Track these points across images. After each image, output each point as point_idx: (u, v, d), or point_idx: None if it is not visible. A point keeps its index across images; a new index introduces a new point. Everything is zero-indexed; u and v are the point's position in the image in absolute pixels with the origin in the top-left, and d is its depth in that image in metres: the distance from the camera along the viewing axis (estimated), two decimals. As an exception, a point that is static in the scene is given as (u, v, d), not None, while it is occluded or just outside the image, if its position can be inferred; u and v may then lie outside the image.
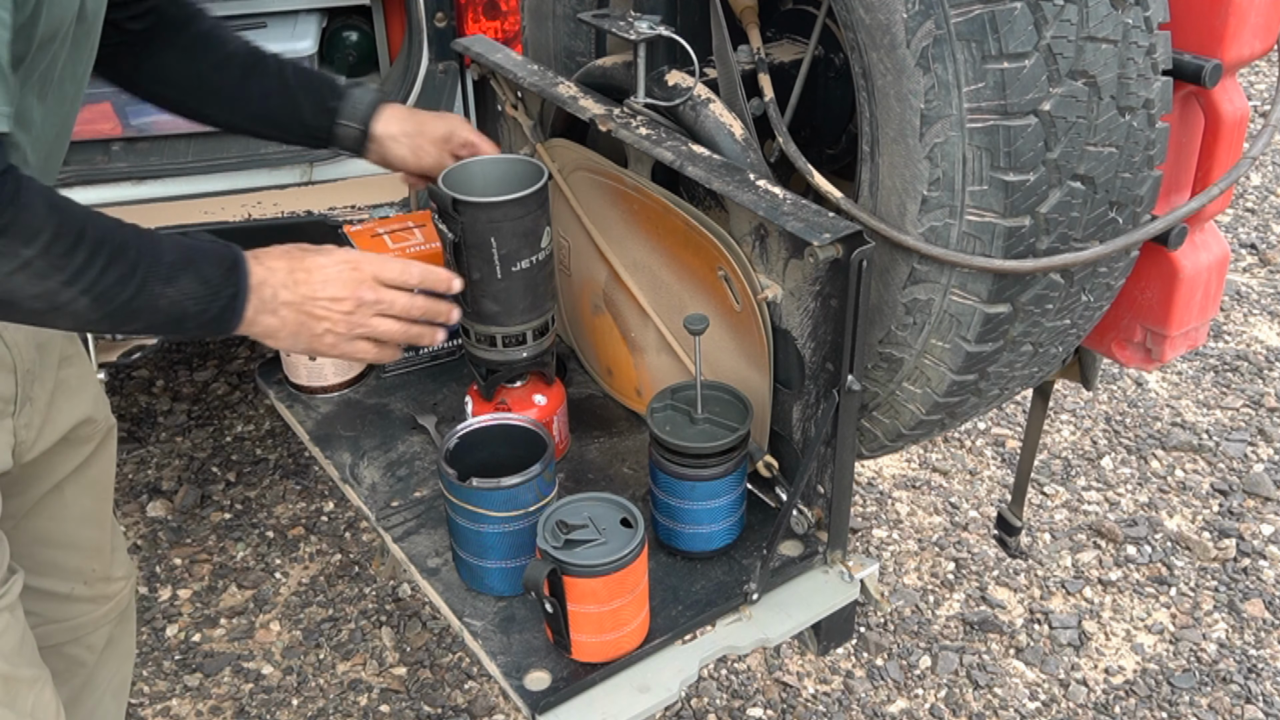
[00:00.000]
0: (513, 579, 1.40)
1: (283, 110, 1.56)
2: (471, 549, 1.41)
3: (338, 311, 1.31)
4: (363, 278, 1.32)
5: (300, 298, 1.28)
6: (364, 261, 1.33)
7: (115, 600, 1.69)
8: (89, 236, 1.13)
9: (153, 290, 1.18)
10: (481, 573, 1.42)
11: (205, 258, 1.23)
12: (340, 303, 1.31)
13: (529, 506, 1.38)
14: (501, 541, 1.39)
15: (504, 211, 1.44)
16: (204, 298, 1.22)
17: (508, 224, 1.44)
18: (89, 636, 1.67)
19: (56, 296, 1.13)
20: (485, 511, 1.37)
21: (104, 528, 1.65)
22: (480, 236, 1.45)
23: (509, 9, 2.40)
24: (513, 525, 1.38)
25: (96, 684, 1.72)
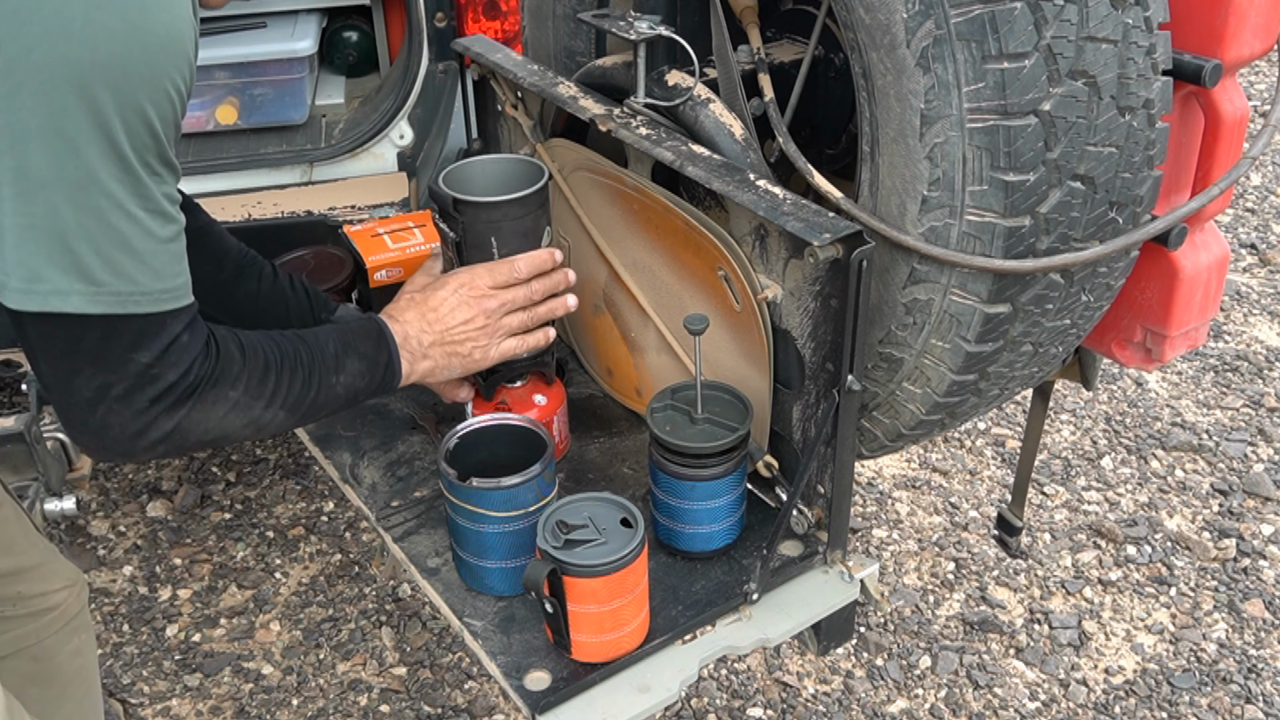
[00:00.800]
0: (513, 579, 1.40)
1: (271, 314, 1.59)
2: (471, 549, 1.41)
3: (474, 330, 1.44)
4: (480, 292, 1.44)
5: (439, 335, 1.42)
6: (475, 276, 1.44)
7: (60, 609, 1.69)
8: (273, 362, 1.26)
9: (329, 382, 1.32)
10: (481, 573, 1.42)
11: (358, 336, 1.37)
12: (472, 322, 1.44)
13: (529, 506, 1.38)
14: (501, 541, 1.39)
15: (504, 211, 1.46)
16: (367, 371, 1.35)
17: (508, 224, 1.46)
18: (34, 648, 1.67)
19: (260, 419, 1.26)
20: (485, 511, 1.37)
21: (21, 552, 1.64)
22: (480, 236, 1.47)
23: (509, 9, 2.40)
24: (513, 525, 1.38)
25: (64, 697, 1.71)
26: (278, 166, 2.43)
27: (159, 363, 1.13)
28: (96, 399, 1.12)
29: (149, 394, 1.13)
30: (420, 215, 1.87)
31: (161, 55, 1.06)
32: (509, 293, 1.45)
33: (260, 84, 2.51)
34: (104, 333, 1.09)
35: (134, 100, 1.04)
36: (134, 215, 1.07)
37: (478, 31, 2.38)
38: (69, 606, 1.70)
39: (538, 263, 1.48)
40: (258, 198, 2.40)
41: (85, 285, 1.06)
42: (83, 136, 1.02)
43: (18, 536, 1.65)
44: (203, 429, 1.20)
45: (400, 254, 1.76)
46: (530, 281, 1.47)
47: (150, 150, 1.07)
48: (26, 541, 1.66)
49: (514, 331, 1.47)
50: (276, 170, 2.43)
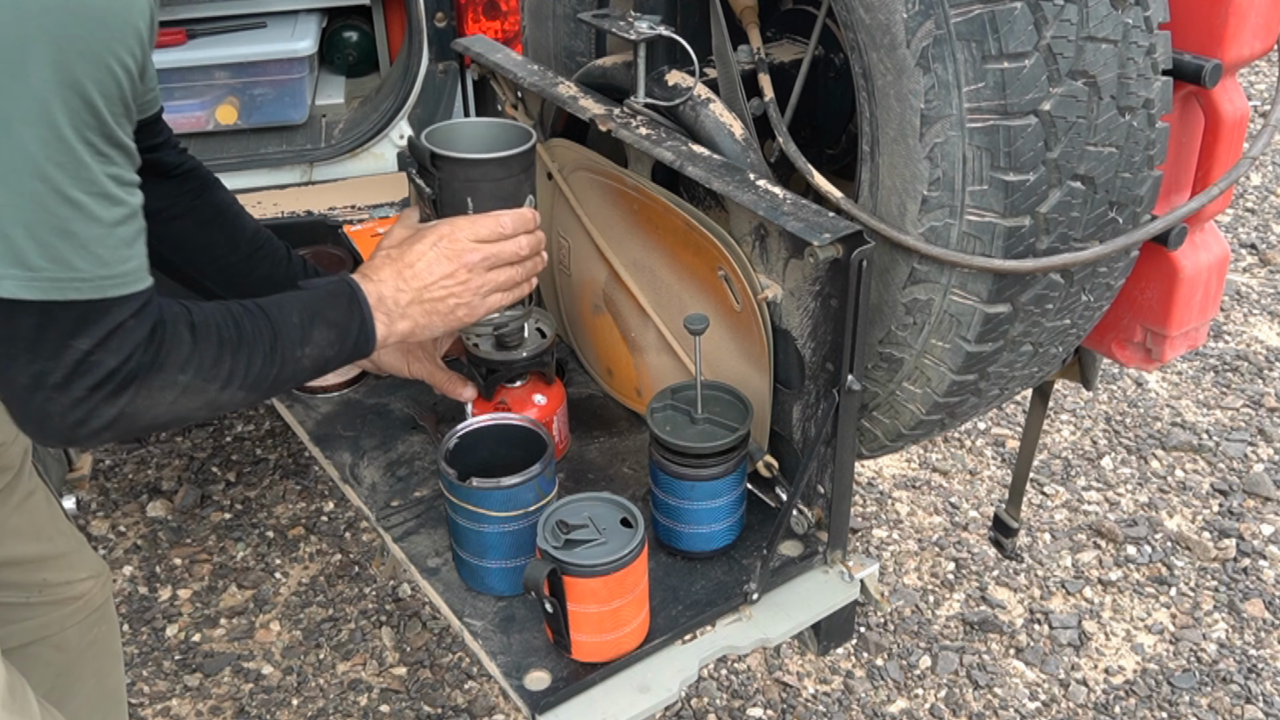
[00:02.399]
0: (513, 579, 1.40)
1: None
2: (471, 549, 1.41)
3: (457, 285, 1.37)
4: (460, 245, 1.37)
5: (416, 291, 1.35)
6: (456, 229, 1.38)
7: (84, 599, 1.68)
8: (229, 341, 1.20)
9: (294, 356, 1.25)
10: (481, 573, 1.42)
11: (327, 302, 1.30)
12: (454, 275, 1.37)
13: (529, 506, 1.38)
14: (501, 541, 1.39)
15: (482, 170, 1.41)
16: (338, 339, 1.29)
17: (486, 184, 1.41)
18: (57, 637, 1.67)
19: (217, 400, 1.20)
20: (485, 511, 1.37)
21: (49, 539, 1.64)
22: (456, 195, 1.42)
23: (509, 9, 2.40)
24: (513, 525, 1.38)
25: (78, 686, 1.71)
26: (278, 166, 2.43)
27: (99, 349, 1.09)
28: (33, 386, 1.08)
29: (87, 382, 1.09)
30: (420, 215, 1.87)
31: (101, 29, 1.02)
32: (493, 246, 1.39)
33: (260, 84, 2.51)
34: (40, 319, 1.06)
35: (72, 77, 1.01)
36: (73, 199, 1.04)
37: (478, 31, 2.38)
38: (93, 597, 1.70)
39: (521, 220, 1.42)
40: (258, 198, 2.40)
41: (20, 270, 1.03)
42: (17, 116, 0.99)
43: (46, 524, 1.64)
44: (151, 415, 1.15)
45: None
46: (517, 237, 1.41)
47: (93, 129, 1.04)
48: (55, 529, 1.66)
49: (501, 288, 1.41)
50: (276, 170, 2.43)
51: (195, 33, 2.52)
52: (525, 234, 1.42)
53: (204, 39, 2.52)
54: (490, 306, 1.41)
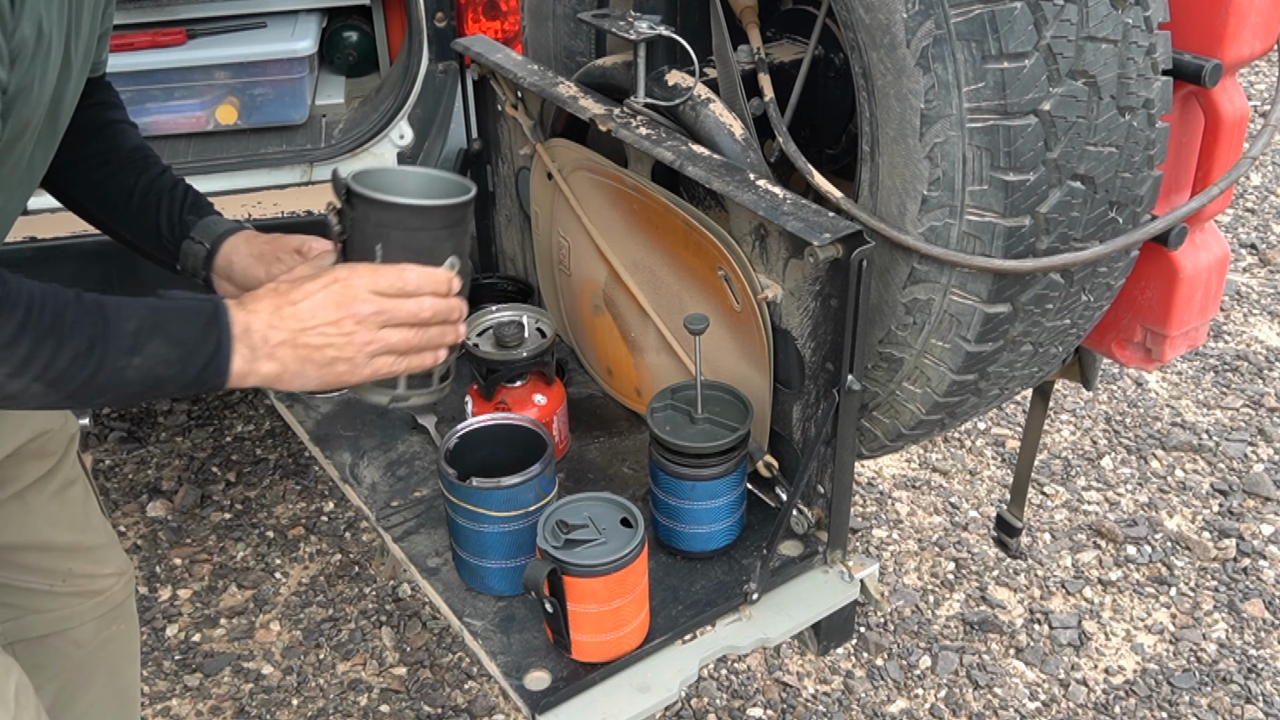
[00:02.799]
0: (513, 579, 1.40)
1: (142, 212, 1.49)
2: (471, 549, 1.41)
3: (339, 335, 1.21)
4: (354, 295, 1.22)
5: (291, 333, 1.20)
6: (355, 275, 1.23)
7: (105, 595, 1.68)
8: (33, 324, 1.09)
9: (115, 363, 1.12)
10: (481, 573, 1.42)
11: (177, 318, 1.16)
12: (338, 325, 1.21)
13: (529, 506, 1.38)
14: (501, 541, 1.39)
15: (395, 216, 1.25)
16: (179, 360, 1.15)
17: (398, 233, 1.25)
18: (75, 631, 1.66)
19: (5, 388, 1.09)
20: (485, 511, 1.37)
21: (81, 530, 1.64)
22: (366, 240, 1.26)
23: (509, 9, 2.40)
24: (513, 525, 1.38)
25: (89, 682, 1.71)
26: (278, 166, 2.43)
27: None
28: None
29: None
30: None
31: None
32: (389, 301, 1.22)
33: (260, 84, 2.51)
34: None
35: None
36: None
37: (478, 31, 2.38)
38: (114, 594, 1.70)
39: (431, 280, 1.25)
40: (258, 198, 2.40)
41: None
42: None
43: (80, 515, 1.64)
44: None
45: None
46: (420, 298, 1.24)
47: None
48: (88, 522, 1.66)
49: (394, 349, 1.24)
50: (276, 170, 2.43)
51: (195, 33, 2.52)
52: (431, 296, 1.25)
53: (204, 39, 2.52)
54: (377, 370, 1.25)
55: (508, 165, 1.90)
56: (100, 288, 2.12)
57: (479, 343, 1.62)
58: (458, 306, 1.30)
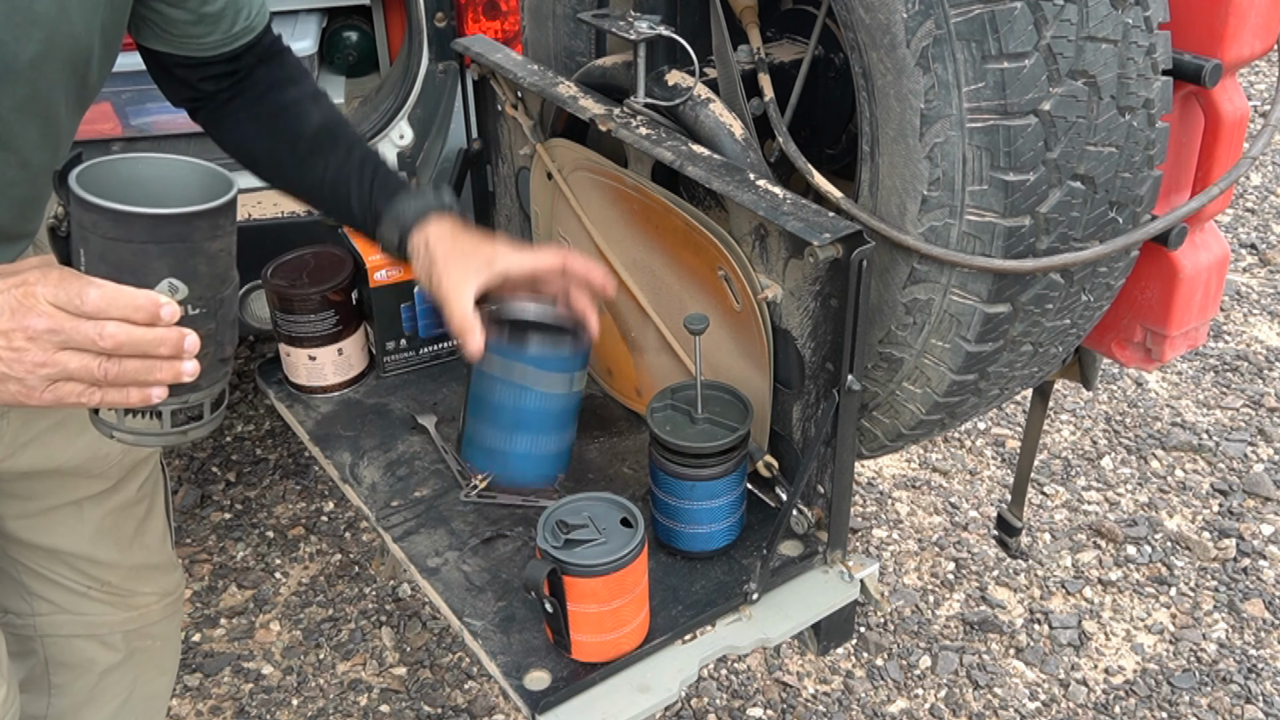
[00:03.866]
0: (539, 466, 1.41)
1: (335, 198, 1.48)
2: (502, 422, 1.39)
3: (7, 350, 1.02)
4: (32, 305, 1.01)
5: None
6: (41, 282, 1.02)
7: (141, 611, 1.68)
8: None
9: None
10: (504, 456, 1.42)
11: None
12: (8, 337, 1.01)
13: (573, 379, 1.38)
14: (539, 415, 1.39)
15: (93, 219, 1.03)
16: None
17: (96, 239, 1.04)
18: (106, 637, 1.67)
19: None
20: (533, 372, 1.35)
21: (127, 549, 1.64)
22: (73, 241, 1.07)
23: (509, 9, 2.40)
24: (553, 400, 1.38)
25: (114, 689, 1.71)
26: (278, 166, 2.43)
27: None
28: None
29: None
30: (420, 215, 1.87)
31: None
32: (70, 322, 1.01)
33: (260, 84, 2.50)
34: None
35: None
36: None
37: (478, 31, 2.38)
38: (150, 612, 1.70)
39: (121, 303, 1.02)
40: (258, 198, 2.40)
41: None
42: None
43: (129, 535, 1.64)
44: None
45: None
46: (102, 322, 1.02)
47: None
48: (140, 543, 1.65)
49: (72, 376, 1.03)
50: (276, 170, 2.42)
51: (195, 33, 2.52)
52: (117, 321, 1.02)
53: (204, 39, 2.52)
54: (60, 397, 1.05)
55: (508, 165, 1.90)
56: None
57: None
58: (168, 340, 1.06)
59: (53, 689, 1.68)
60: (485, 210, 2.00)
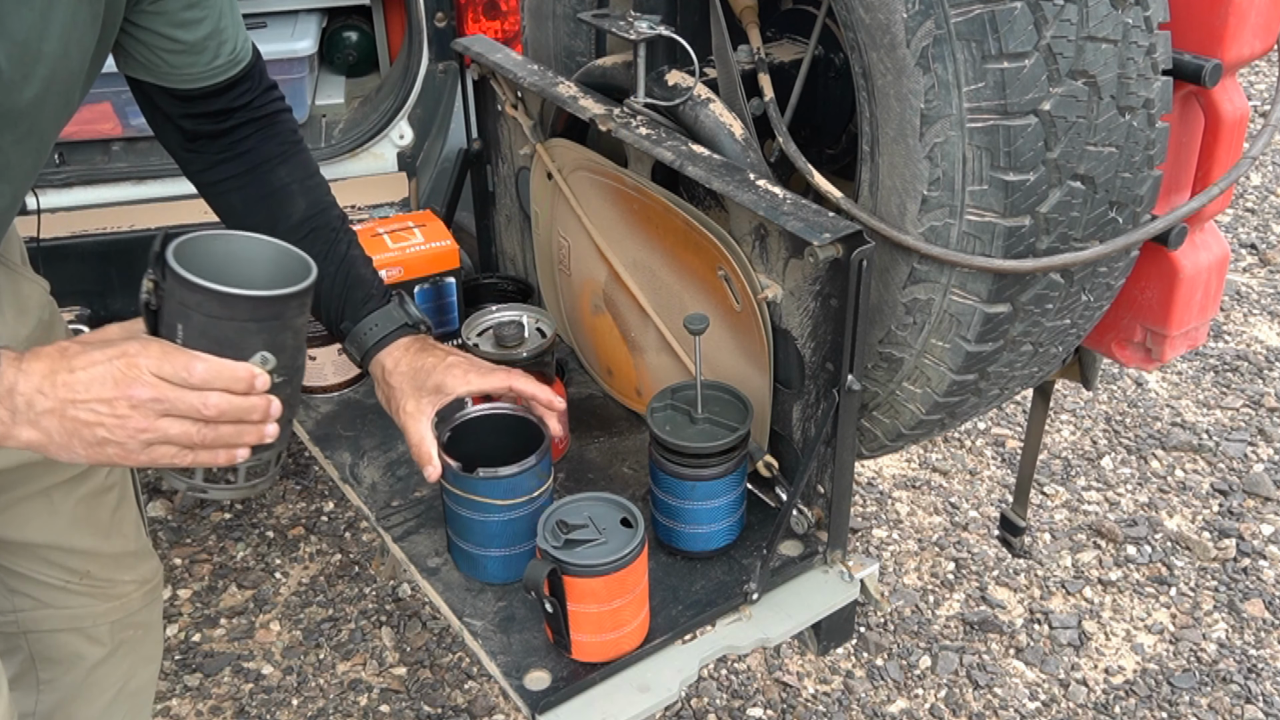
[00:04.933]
0: (514, 566, 1.41)
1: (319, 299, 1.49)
2: (473, 539, 1.42)
3: (111, 416, 1.10)
4: (136, 375, 1.10)
5: (59, 403, 1.10)
6: (144, 352, 1.11)
7: (122, 600, 1.68)
8: None
9: None
10: (483, 562, 1.43)
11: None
12: (112, 405, 1.10)
13: (532, 492, 1.39)
14: (504, 529, 1.40)
15: (197, 299, 1.12)
16: None
17: (199, 317, 1.13)
18: (90, 630, 1.67)
19: None
20: (489, 500, 1.38)
21: (105, 536, 1.64)
22: (170, 316, 1.15)
23: (509, 9, 2.40)
24: (516, 513, 1.39)
25: (104, 682, 1.71)
26: (278, 166, 2.42)
27: None
28: None
29: None
30: (421, 215, 1.87)
31: None
32: (171, 390, 1.11)
33: (260, 84, 2.50)
34: None
35: None
36: None
37: (478, 31, 2.38)
38: (131, 600, 1.70)
39: (224, 375, 1.13)
40: (258, 198, 2.40)
41: None
42: None
43: (105, 522, 1.64)
44: None
45: (400, 254, 1.76)
46: (205, 392, 1.12)
47: None
48: (117, 530, 1.66)
49: (172, 441, 1.13)
50: (277, 170, 2.42)
51: (195, 33, 2.52)
52: (220, 392, 1.13)
53: (204, 39, 2.52)
54: (155, 459, 1.14)
55: (508, 165, 1.90)
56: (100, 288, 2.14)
57: (479, 343, 1.62)
58: (259, 406, 1.16)
59: (41, 685, 1.67)
60: (485, 210, 2.00)
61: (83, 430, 1.11)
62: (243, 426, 1.16)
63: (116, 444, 1.12)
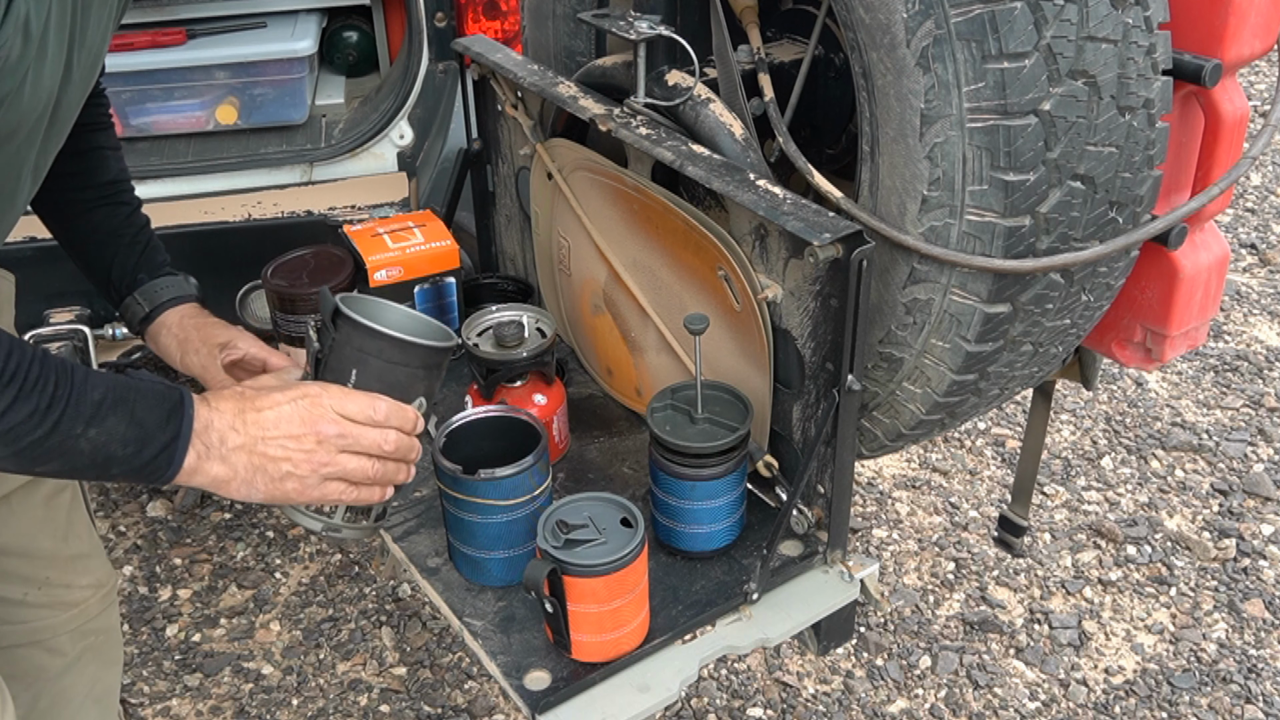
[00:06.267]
0: (514, 568, 1.42)
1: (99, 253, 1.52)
2: (474, 541, 1.42)
3: (298, 451, 1.18)
4: (321, 413, 1.19)
5: (250, 439, 1.17)
6: (324, 395, 1.21)
7: (80, 608, 1.68)
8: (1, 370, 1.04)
9: (70, 430, 1.07)
10: (483, 564, 1.43)
11: (143, 398, 1.12)
12: (299, 440, 1.18)
13: (532, 492, 1.40)
14: (505, 531, 1.40)
15: (379, 345, 1.25)
16: (135, 440, 1.11)
17: (377, 362, 1.25)
18: (50, 641, 1.66)
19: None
20: (489, 502, 1.38)
21: (64, 538, 1.64)
22: (343, 361, 1.26)
23: (509, 9, 2.40)
24: (516, 514, 1.40)
25: (69, 692, 1.71)
26: (278, 166, 2.43)
27: None
28: None
29: None
30: (421, 215, 1.87)
31: None
32: (356, 428, 1.21)
33: (260, 84, 2.51)
34: None
35: None
36: None
37: (478, 31, 2.38)
38: (89, 607, 1.69)
39: (398, 415, 1.24)
40: (258, 198, 2.40)
41: None
42: None
43: (62, 523, 1.64)
44: None
45: (400, 254, 1.76)
46: (386, 430, 1.23)
47: None
48: (70, 530, 1.66)
49: (347, 476, 1.22)
50: (276, 170, 2.43)
51: (195, 33, 2.52)
52: (396, 430, 1.24)
53: (204, 39, 2.52)
54: (326, 494, 1.22)
55: (508, 165, 1.90)
56: (99, 288, 2.07)
57: (479, 343, 1.62)
58: (417, 447, 1.28)
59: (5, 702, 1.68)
60: (485, 210, 2.00)
61: (268, 465, 1.17)
62: (400, 465, 1.26)
63: (297, 478, 1.19)
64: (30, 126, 1.16)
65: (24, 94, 1.11)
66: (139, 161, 2.44)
